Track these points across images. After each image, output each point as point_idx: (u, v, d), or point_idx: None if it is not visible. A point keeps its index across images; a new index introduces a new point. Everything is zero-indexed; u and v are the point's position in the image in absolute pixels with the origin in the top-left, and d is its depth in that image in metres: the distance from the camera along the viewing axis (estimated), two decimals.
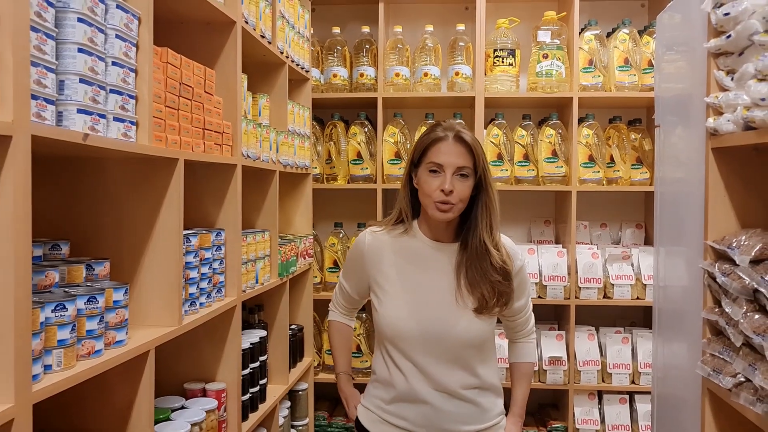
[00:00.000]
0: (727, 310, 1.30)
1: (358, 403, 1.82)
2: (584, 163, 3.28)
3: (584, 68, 3.26)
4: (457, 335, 1.62)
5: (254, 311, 2.60)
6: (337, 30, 3.42)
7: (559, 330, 3.38)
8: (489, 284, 1.63)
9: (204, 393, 2.08)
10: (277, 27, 2.58)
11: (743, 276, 1.23)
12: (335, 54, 3.40)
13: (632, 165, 3.34)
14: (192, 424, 1.84)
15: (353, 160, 3.37)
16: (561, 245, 3.40)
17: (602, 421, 3.29)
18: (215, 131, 1.96)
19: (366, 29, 3.42)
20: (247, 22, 2.22)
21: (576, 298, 3.25)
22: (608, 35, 3.37)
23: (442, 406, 1.64)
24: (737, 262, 1.26)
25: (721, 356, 1.35)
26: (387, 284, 1.70)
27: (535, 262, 3.31)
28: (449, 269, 1.68)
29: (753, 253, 1.21)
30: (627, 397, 3.29)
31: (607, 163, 3.34)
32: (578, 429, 3.26)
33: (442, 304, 1.65)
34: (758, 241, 1.24)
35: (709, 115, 1.44)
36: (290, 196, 3.06)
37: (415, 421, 1.66)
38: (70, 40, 1.26)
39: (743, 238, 1.27)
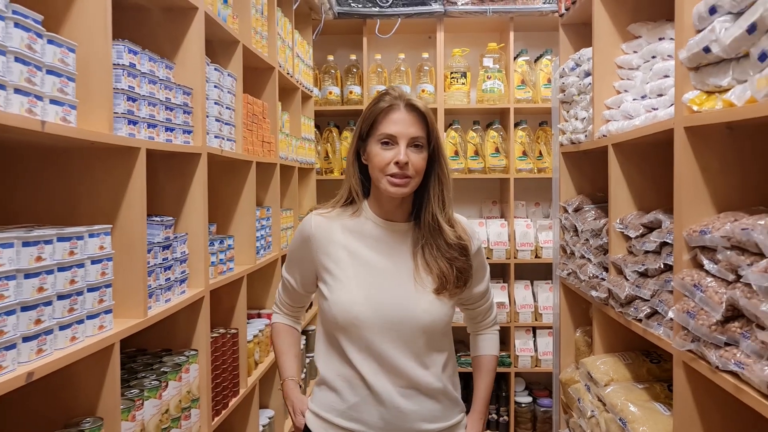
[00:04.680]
0: (566, 237, 2.44)
1: (305, 409, 1.64)
2: (519, 157, 4.37)
3: (518, 86, 4.36)
4: (417, 318, 1.48)
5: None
6: (331, 57, 4.46)
7: (503, 283, 4.49)
8: (447, 262, 1.51)
9: (259, 315, 3.13)
10: (294, 63, 3.63)
11: (570, 218, 2.35)
12: (330, 76, 4.45)
13: None
14: (259, 330, 2.90)
15: (345, 157, 4.42)
16: (504, 219, 4.51)
17: (535, 349, 4.39)
18: (267, 142, 3.01)
19: (353, 57, 4.47)
20: (280, 66, 3.26)
21: (515, 258, 4.35)
22: (536, 60, 4.47)
23: (401, 404, 1.48)
24: (569, 211, 2.39)
25: (565, 263, 2.48)
26: (337, 269, 1.54)
27: (485, 232, 4.41)
28: (405, 249, 1.55)
29: (574, 206, 2.35)
30: (553, 331, 4.42)
31: (537, 157, 4.44)
32: (518, 356, 4.37)
33: (399, 286, 1.51)
34: (578, 200, 2.37)
35: (559, 134, 2.56)
36: (301, 185, 4.11)
37: (374, 423, 1.49)
38: (211, 98, 2.30)
39: (574, 199, 2.40)
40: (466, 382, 2.25)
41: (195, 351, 2.08)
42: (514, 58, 4.37)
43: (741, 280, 1.13)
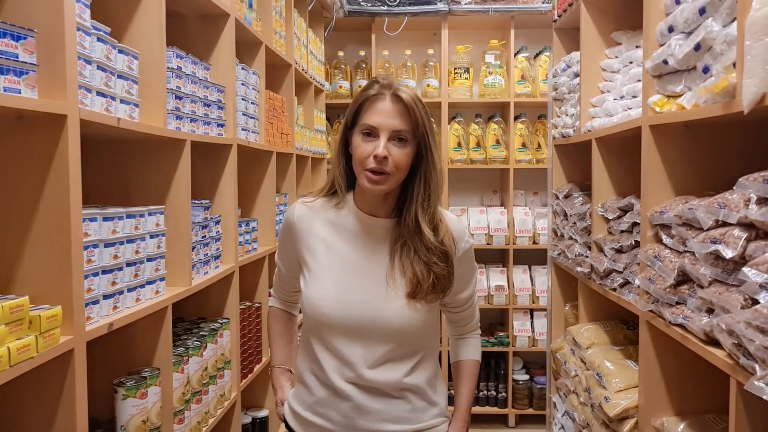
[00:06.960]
0: (557, 221, 2.71)
1: (285, 399, 1.65)
2: (519, 148, 4.63)
3: (518, 81, 4.61)
4: (385, 322, 1.43)
5: None
6: (341, 53, 4.72)
7: (502, 267, 4.76)
8: (424, 266, 1.43)
9: None
10: (308, 60, 3.89)
11: (561, 204, 2.62)
12: (340, 71, 4.70)
13: None
14: None
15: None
16: (504, 207, 4.77)
17: (533, 330, 4.67)
18: (285, 134, 3.28)
19: (362, 53, 4.73)
20: (296, 63, 3.52)
21: (513, 244, 4.62)
22: (535, 56, 4.71)
23: (365, 403, 1.45)
24: (559, 198, 2.66)
25: (557, 245, 2.76)
26: (313, 261, 1.50)
27: (485, 219, 4.68)
28: (383, 248, 1.48)
29: (564, 192, 2.62)
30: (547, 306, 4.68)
31: (536, 148, 4.69)
32: (516, 336, 4.65)
33: (371, 285, 1.45)
34: (568, 188, 2.64)
35: (552, 128, 2.83)
36: (314, 174, 4.37)
37: (337, 421, 1.47)
38: (239, 94, 2.57)
39: (564, 187, 2.67)
40: None
41: (227, 319, 2.36)
42: (515, 55, 4.62)
43: (687, 250, 1.40)
